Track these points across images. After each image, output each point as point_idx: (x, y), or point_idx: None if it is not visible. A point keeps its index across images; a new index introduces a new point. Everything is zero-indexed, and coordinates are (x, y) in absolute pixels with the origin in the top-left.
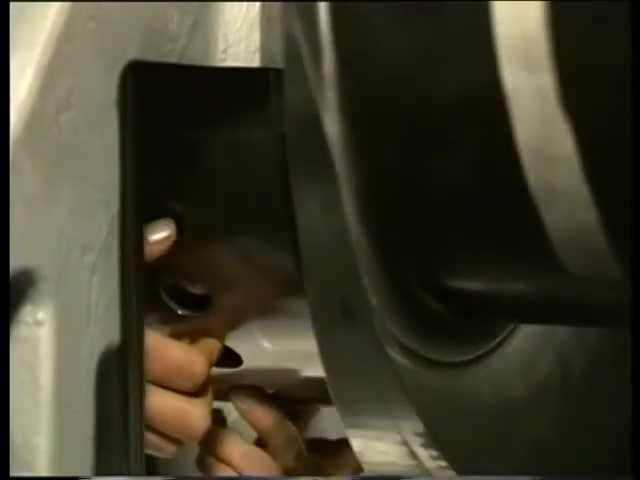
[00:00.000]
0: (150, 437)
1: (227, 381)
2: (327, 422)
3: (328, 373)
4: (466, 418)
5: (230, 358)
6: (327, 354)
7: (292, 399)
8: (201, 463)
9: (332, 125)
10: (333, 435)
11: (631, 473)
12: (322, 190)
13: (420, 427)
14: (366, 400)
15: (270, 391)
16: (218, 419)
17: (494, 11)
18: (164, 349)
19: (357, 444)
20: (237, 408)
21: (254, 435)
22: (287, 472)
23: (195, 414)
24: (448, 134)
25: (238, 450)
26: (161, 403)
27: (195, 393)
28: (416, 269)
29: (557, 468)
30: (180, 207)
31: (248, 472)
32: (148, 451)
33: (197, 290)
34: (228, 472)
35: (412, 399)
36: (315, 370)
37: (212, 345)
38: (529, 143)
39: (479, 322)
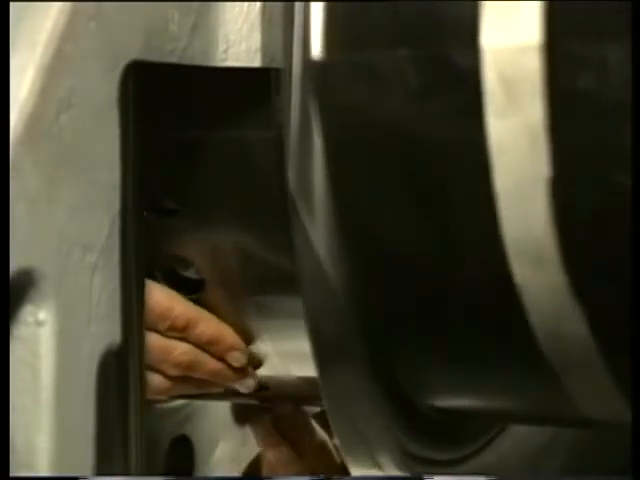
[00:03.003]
0: None
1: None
2: None
3: (328, 413)
4: None
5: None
6: (326, 393)
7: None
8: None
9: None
10: None
11: (631, 473)
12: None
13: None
14: (354, 444)
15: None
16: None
17: (500, 212)
18: (147, 293)
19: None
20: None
21: None
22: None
23: (178, 347)
24: (454, 313)
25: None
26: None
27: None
28: (412, 383)
29: None
30: (181, 208)
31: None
32: None
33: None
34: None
35: None
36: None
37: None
38: (542, 327)
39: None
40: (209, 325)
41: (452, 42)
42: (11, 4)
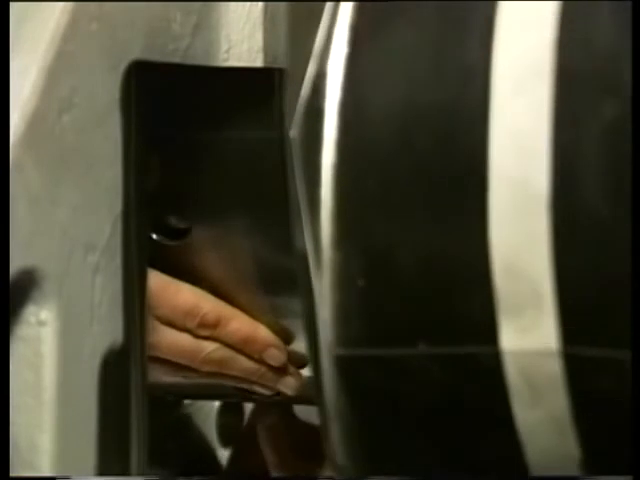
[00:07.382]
0: (164, 366)
1: None
2: None
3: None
4: None
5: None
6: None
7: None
8: None
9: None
10: None
11: (631, 473)
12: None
13: None
14: None
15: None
16: None
17: None
18: (174, 292)
19: None
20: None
21: None
22: None
23: (209, 346)
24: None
25: None
26: (174, 340)
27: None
28: None
29: None
30: (183, 208)
31: None
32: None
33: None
34: None
35: None
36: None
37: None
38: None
39: None
40: (243, 322)
41: (471, 341)
42: (14, 5)
